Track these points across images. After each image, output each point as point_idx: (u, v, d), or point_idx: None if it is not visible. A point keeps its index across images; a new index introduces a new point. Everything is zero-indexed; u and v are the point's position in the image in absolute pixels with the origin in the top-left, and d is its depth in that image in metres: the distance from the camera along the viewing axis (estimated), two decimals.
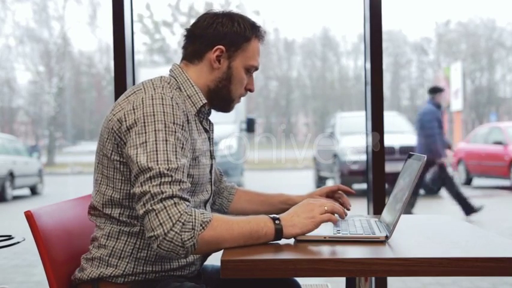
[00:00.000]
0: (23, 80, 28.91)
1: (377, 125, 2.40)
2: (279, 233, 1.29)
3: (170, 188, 1.25)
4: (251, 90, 1.56)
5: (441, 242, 1.34)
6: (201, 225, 1.23)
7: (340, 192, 1.68)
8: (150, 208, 1.23)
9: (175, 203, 1.24)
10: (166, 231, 1.21)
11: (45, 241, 1.41)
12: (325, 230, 1.37)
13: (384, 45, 2.45)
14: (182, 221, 1.22)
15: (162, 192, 1.24)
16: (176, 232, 1.21)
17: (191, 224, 1.23)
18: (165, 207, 1.23)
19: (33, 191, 11.48)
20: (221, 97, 1.52)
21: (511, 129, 10.83)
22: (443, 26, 28.51)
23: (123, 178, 1.39)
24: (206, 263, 1.60)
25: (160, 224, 1.22)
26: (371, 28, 2.40)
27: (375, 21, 2.40)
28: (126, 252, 1.40)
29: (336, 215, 1.35)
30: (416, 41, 28.93)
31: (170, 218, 1.22)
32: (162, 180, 1.25)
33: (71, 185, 12.89)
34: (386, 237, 1.31)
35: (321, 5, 32.94)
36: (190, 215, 1.24)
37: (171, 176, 1.26)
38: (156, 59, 25.06)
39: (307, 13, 30.30)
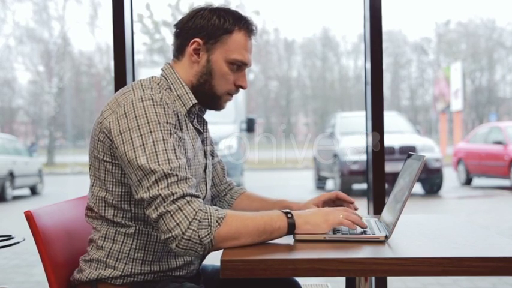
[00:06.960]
0: (23, 80, 28.93)
1: (377, 125, 2.40)
2: (291, 227, 1.29)
3: (179, 187, 1.25)
4: (242, 87, 1.49)
5: (441, 242, 1.34)
6: (216, 221, 1.24)
7: (339, 201, 1.61)
8: (164, 210, 1.23)
9: (188, 201, 1.24)
10: (184, 230, 1.22)
11: (45, 241, 1.41)
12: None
13: (384, 45, 2.45)
14: (198, 218, 1.22)
15: (173, 194, 1.24)
16: (193, 230, 1.22)
17: (207, 220, 1.23)
18: (180, 208, 1.23)
19: (33, 191, 11.49)
20: (205, 93, 1.48)
21: (511, 129, 10.84)
22: (443, 26, 28.54)
23: (114, 180, 1.38)
24: (206, 263, 1.60)
25: (177, 224, 1.22)
26: (371, 28, 2.40)
27: (375, 21, 2.40)
28: (124, 254, 1.40)
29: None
30: (416, 41, 28.96)
31: (186, 217, 1.22)
32: (169, 181, 1.25)
33: (71, 185, 12.88)
34: (386, 237, 1.31)
35: (321, 5, 32.97)
36: (205, 212, 1.24)
37: (177, 175, 1.26)
38: (156, 59, 25.05)
39: (307, 13, 30.32)
